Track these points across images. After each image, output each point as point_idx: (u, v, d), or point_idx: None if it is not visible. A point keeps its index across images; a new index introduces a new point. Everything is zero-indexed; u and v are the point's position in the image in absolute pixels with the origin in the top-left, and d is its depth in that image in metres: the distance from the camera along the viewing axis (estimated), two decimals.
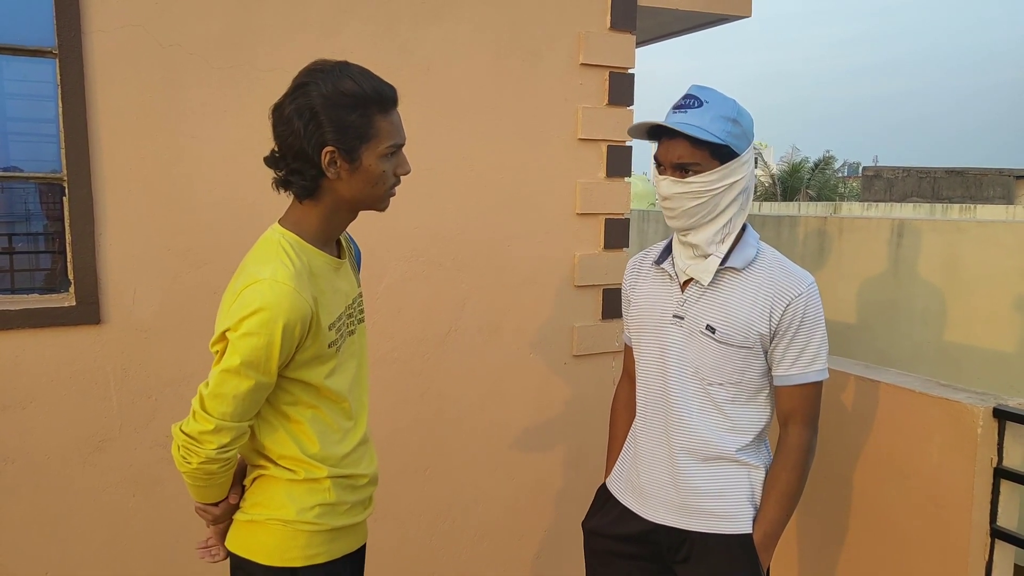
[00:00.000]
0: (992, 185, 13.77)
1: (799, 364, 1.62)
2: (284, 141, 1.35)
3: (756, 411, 1.67)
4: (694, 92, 1.59)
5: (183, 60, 2.24)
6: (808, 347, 1.61)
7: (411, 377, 2.67)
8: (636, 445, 1.79)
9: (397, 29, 2.50)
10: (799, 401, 1.64)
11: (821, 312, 1.63)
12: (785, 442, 1.65)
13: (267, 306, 1.28)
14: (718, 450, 1.64)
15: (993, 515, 1.94)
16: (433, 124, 2.59)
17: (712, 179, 1.56)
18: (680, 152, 1.56)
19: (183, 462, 1.38)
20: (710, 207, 1.58)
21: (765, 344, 1.62)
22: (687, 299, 1.66)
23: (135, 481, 2.31)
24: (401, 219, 2.55)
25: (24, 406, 2.16)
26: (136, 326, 2.27)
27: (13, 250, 3.24)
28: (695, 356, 1.64)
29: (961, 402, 1.96)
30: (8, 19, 2.23)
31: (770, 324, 1.60)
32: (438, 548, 2.79)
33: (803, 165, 31.16)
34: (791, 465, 1.63)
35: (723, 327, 1.61)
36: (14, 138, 3.00)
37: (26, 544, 2.21)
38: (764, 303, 1.60)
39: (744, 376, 1.63)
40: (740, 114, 1.58)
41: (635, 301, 1.80)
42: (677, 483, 1.67)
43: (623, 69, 2.85)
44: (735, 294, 1.62)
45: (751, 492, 1.66)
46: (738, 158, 1.57)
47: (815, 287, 1.63)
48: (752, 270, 1.63)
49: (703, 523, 1.66)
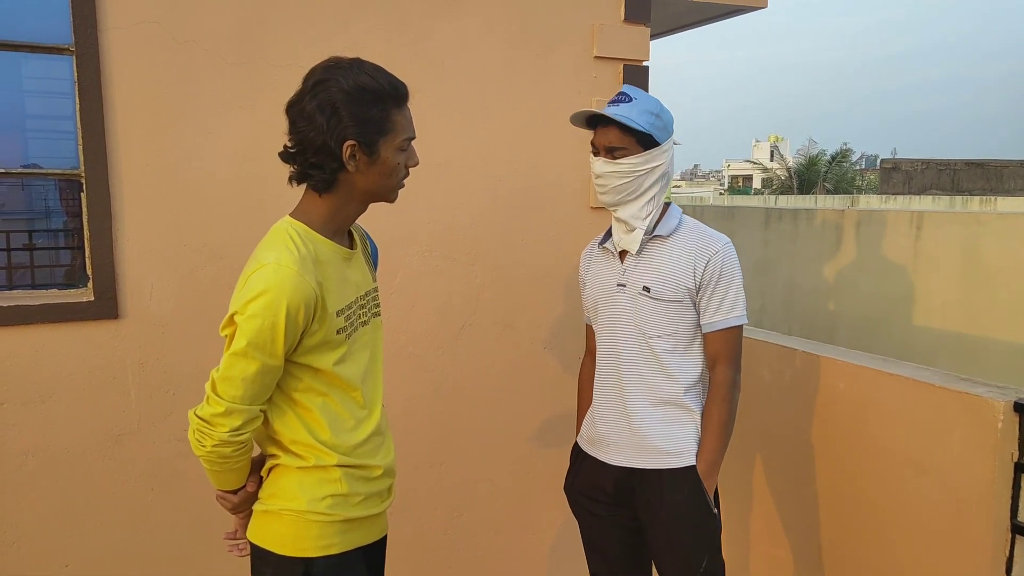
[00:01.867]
0: (1013, 177, 13.57)
1: (721, 311, 1.91)
2: (305, 136, 1.39)
3: (692, 360, 1.94)
4: (626, 90, 1.90)
5: (198, 56, 2.26)
6: (727, 296, 1.90)
7: (425, 372, 2.67)
8: (594, 403, 2.06)
9: (409, 23, 2.50)
10: (723, 344, 1.92)
11: (737, 266, 1.93)
12: (714, 380, 1.93)
13: (270, 288, 1.33)
14: (663, 396, 1.92)
15: (1014, 510, 1.91)
16: (446, 118, 2.58)
17: (637, 162, 1.86)
18: (612, 138, 1.86)
19: (198, 445, 1.42)
20: (634, 186, 1.88)
21: (693, 297, 1.91)
22: (626, 268, 1.96)
23: (153, 475, 2.33)
24: (415, 214, 2.55)
25: (44, 400, 2.19)
26: (153, 321, 2.29)
27: (34, 246, 3.28)
28: (636, 315, 1.93)
29: (981, 396, 1.93)
30: (25, 17, 2.25)
31: (695, 278, 1.89)
32: (453, 542, 2.80)
33: (820, 158, 30.92)
34: (721, 399, 1.91)
35: (656, 286, 1.90)
36: (33, 135, 3.04)
37: (46, 537, 2.24)
38: (688, 261, 1.89)
39: (678, 328, 1.91)
40: (662, 110, 1.89)
41: (588, 281, 2.10)
42: (632, 428, 1.94)
43: (638, 62, 2.83)
44: (664, 257, 1.92)
45: (695, 432, 1.92)
46: (659, 146, 1.88)
47: (731, 246, 1.93)
48: (676, 236, 1.93)
49: (655, 461, 1.92)
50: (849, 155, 31.43)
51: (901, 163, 14.92)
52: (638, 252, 1.93)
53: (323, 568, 1.47)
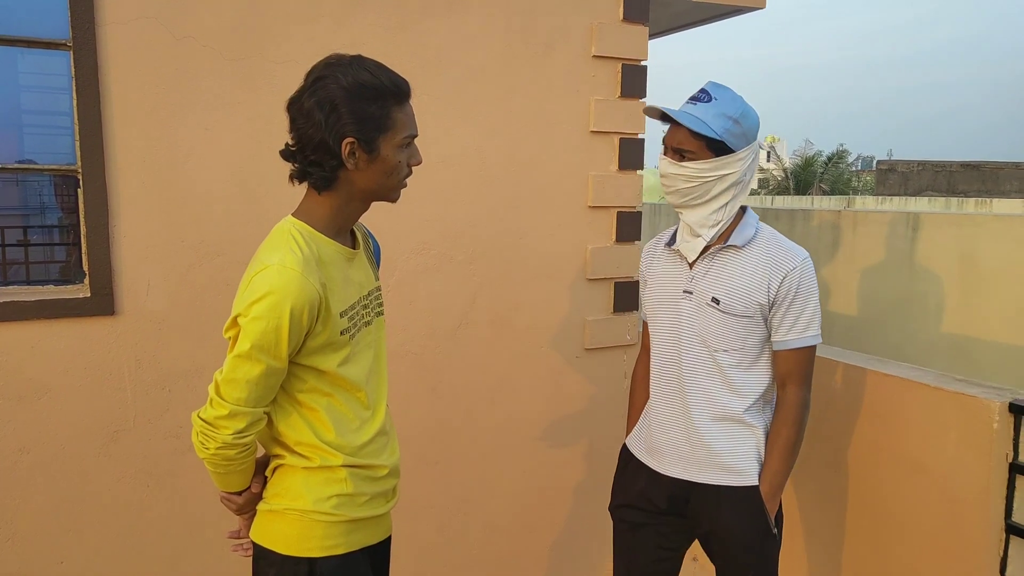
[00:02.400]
0: (1009, 179, 13.61)
1: (795, 330, 1.80)
2: (304, 133, 1.38)
3: (757, 376, 1.85)
4: (708, 88, 1.78)
5: (196, 52, 2.25)
6: (803, 314, 1.79)
7: (422, 370, 2.67)
8: (651, 409, 1.98)
9: (408, 21, 2.50)
10: (795, 364, 1.82)
11: (815, 283, 1.81)
12: (784, 401, 1.83)
13: (274, 290, 1.32)
14: (725, 411, 1.83)
15: (1008, 511, 1.92)
16: (444, 116, 2.58)
17: (704, 168, 1.75)
18: (680, 139, 1.76)
19: (201, 448, 1.41)
20: (701, 191, 1.78)
21: (764, 313, 1.80)
22: (695, 275, 1.86)
23: (149, 472, 2.33)
24: (412, 212, 2.55)
25: (39, 396, 2.18)
26: (150, 317, 2.28)
27: (28, 242, 3.27)
28: (702, 326, 1.83)
29: (976, 397, 1.94)
30: (23, 11, 2.24)
31: (768, 294, 1.78)
32: (450, 541, 2.80)
33: (816, 159, 30.94)
34: (791, 421, 1.82)
35: (726, 299, 1.80)
36: (28, 130, 3.02)
37: (41, 533, 2.24)
38: (763, 276, 1.78)
39: (746, 343, 1.81)
40: (744, 115, 1.76)
41: (650, 281, 2.00)
42: (691, 440, 1.86)
43: (636, 61, 2.83)
44: (737, 269, 1.81)
45: (756, 450, 1.84)
46: (733, 154, 1.76)
47: (809, 261, 1.81)
48: (752, 247, 1.81)
49: (714, 476, 1.84)
50: (845, 156, 31.46)
51: (897, 164, 14.96)
52: (711, 260, 1.83)
53: (327, 568, 1.46)
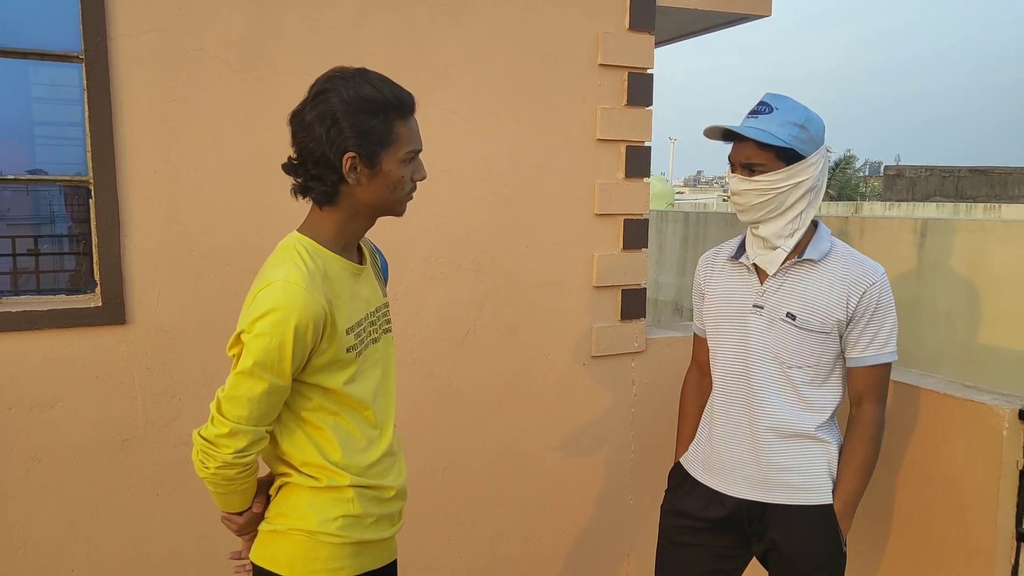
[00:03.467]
0: (1017, 184, 13.55)
1: (873, 347, 1.77)
2: (305, 147, 1.36)
3: (830, 392, 1.81)
4: (767, 99, 1.76)
5: (206, 64, 2.27)
6: (881, 331, 1.76)
7: (430, 378, 2.68)
8: (712, 427, 1.92)
9: (415, 31, 2.52)
10: (872, 380, 1.79)
11: (892, 299, 1.78)
12: (859, 419, 1.80)
13: (278, 307, 1.29)
14: (797, 428, 1.79)
15: (1019, 518, 1.91)
16: (451, 125, 2.60)
17: (777, 178, 1.72)
18: (748, 153, 1.74)
19: (201, 467, 1.38)
20: (776, 203, 1.74)
21: (841, 329, 1.77)
22: (766, 290, 1.81)
23: (159, 480, 2.34)
24: (420, 220, 2.56)
25: (51, 405, 2.20)
26: (160, 327, 2.30)
27: (39, 251, 3.29)
28: (775, 342, 1.79)
29: (986, 404, 1.94)
30: (35, 25, 2.27)
31: (847, 311, 1.75)
32: (456, 549, 2.80)
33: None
34: (867, 439, 1.78)
35: (803, 314, 1.76)
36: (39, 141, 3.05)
37: (52, 541, 2.25)
38: (841, 292, 1.75)
39: (821, 359, 1.78)
40: (809, 120, 1.73)
41: (711, 294, 1.94)
42: (759, 460, 1.81)
43: (642, 69, 2.85)
44: (813, 284, 1.77)
45: (828, 467, 1.80)
46: (804, 160, 1.72)
47: (886, 277, 1.79)
48: (828, 261, 1.78)
49: (785, 496, 1.80)
50: (853, 162, 31.44)
51: (905, 170, 14.91)
52: (784, 274, 1.79)
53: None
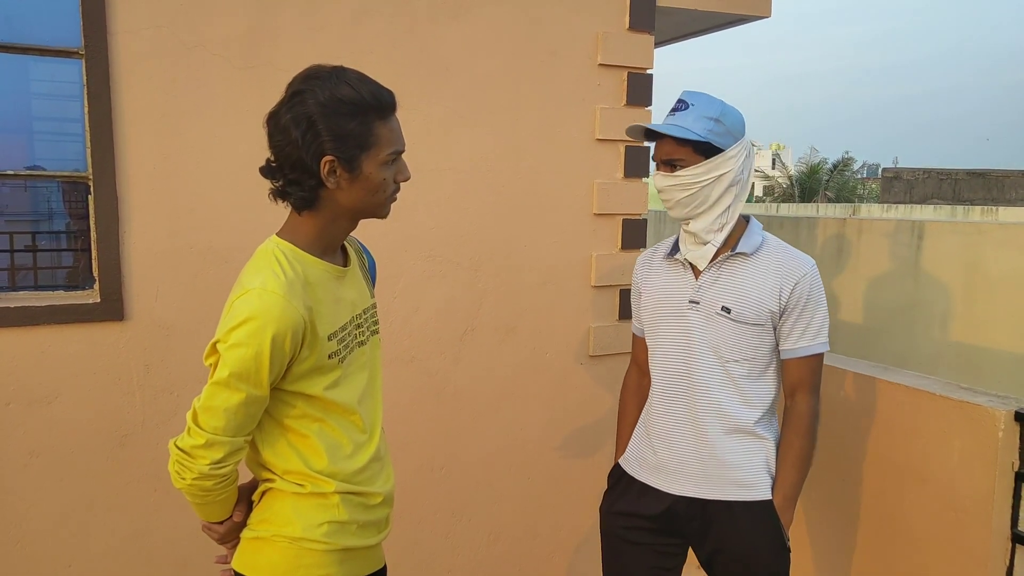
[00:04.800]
0: (1015, 187, 13.58)
1: (806, 337, 1.79)
2: (281, 151, 1.31)
3: (767, 385, 1.83)
4: (684, 97, 1.78)
5: (206, 60, 2.27)
6: (813, 321, 1.79)
7: (427, 376, 2.68)
8: (651, 425, 1.91)
9: (416, 29, 2.52)
10: (806, 371, 1.81)
11: (823, 290, 1.81)
12: (794, 410, 1.81)
13: (255, 316, 1.25)
14: (737, 423, 1.79)
15: (1014, 520, 1.92)
16: (451, 124, 2.60)
17: (697, 172, 1.74)
18: (667, 150, 1.76)
19: (177, 478, 1.33)
20: (701, 197, 1.76)
21: (775, 321, 1.79)
22: (701, 285, 1.82)
23: (157, 476, 2.34)
24: (419, 219, 2.56)
25: (49, 401, 2.20)
26: (159, 323, 2.30)
27: (36, 248, 3.29)
28: (713, 336, 1.80)
29: (982, 405, 1.94)
30: (35, 20, 2.27)
31: (780, 302, 1.77)
32: (453, 547, 2.81)
33: (821, 166, 30.92)
34: (803, 431, 1.80)
35: (738, 307, 1.78)
36: (37, 137, 3.04)
37: (50, 537, 2.25)
38: (774, 283, 1.77)
39: (757, 352, 1.79)
40: (724, 114, 1.75)
41: (648, 292, 1.94)
42: (701, 456, 1.81)
43: (641, 69, 2.85)
44: (747, 277, 1.79)
45: (767, 462, 1.81)
46: (723, 153, 1.74)
47: (816, 268, 1.81)
48: (760, 255, 1.80)
49: (726, 492, 1.80)
50: (851, 164, 31.45)
51: (902, 172, 14.93)
52: (718, 268, 1.81)
53: None
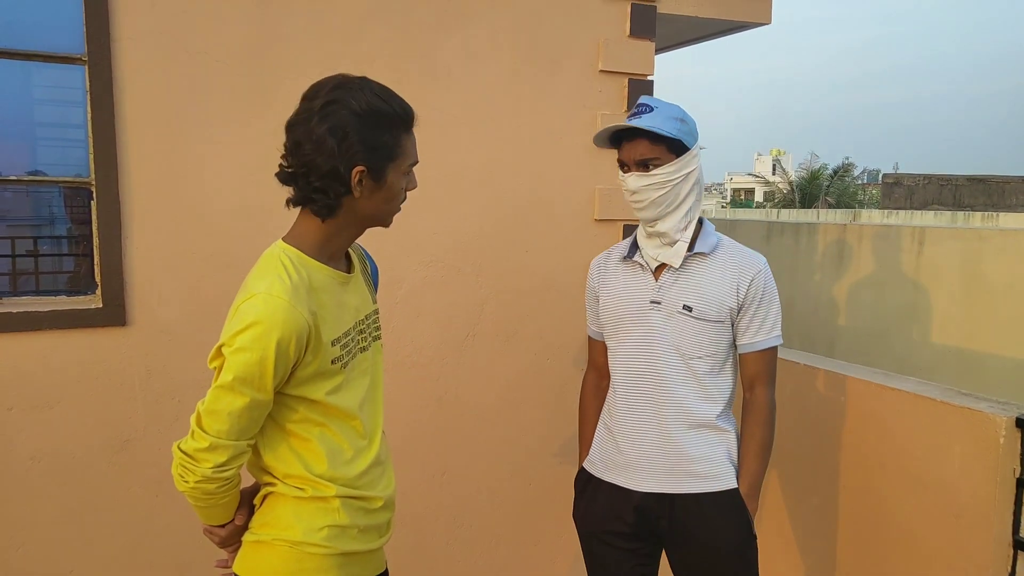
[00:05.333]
0: (1015, 193, 13.58)
1: (762, 332, 1.86)
2: (312, 160, 1.31)
3: (726, 380, 1.89)
4: (644, 101, 1.84)
5: (209, 67, 2.28)
6: (768, 316, 1.86)
7: (429, 382, 2.68)
8: (615, 425, 1.94)
9: (417, 36, 2.53)
10: (763, 365, 1.88)
11: (775, 287, 1.89)
12: (754, 402, 1.88)
13: (260, 320, 1.25)
14: (700, 418, 1.85)
15: (1016, 526, 1.92)
16: (452, 130, 2.61)
17: (672, 170, 1.78)
18: (642, 150, 1.78)
19: (180, 481, 1.34)
20: (672, 196, 1.80)
21: (733, 316, 1.85)
22: (662, 285, 1.87)
23: (159, 481, 2.34)
24: (420, 225, 2.57)
25: (51, 406, 2.20)
26: (161, 328, 2.30)
27: (38, 253, 3.29)
28: (675, 334, 1.84)
29: (983, 411, 1.94)
30: (39, 27, 2.28)
31: (738, 299, 1.83)
32: (454, 553, 2.80)
33: (822, 172, 30.94)
34: (763, 421, 1.86)
35: (699, 305, 1.83)
36: (40, 143, 3.05)
37: (52, 541, 2.25)
38: (732, 281, 1.83)
39: (717, 348, 1.85)
40: (685, 115, 1.83)
41: (606, 295, 1.98)
42: (667, 451, 1.85)
43: (642, 76, 2.86)
44: (706, 276, 1.85)
45: (729, 454, 1.86)
46: (689, 151, 1.81)
47: (768, 266, 1.89)
48: (717, 254, 1.86)
49: (692, 485, 1.84)
50: (851, 169, 31.45)
51: (903, 178, 14.94)
52: (677, 268, 1.84)
53: None
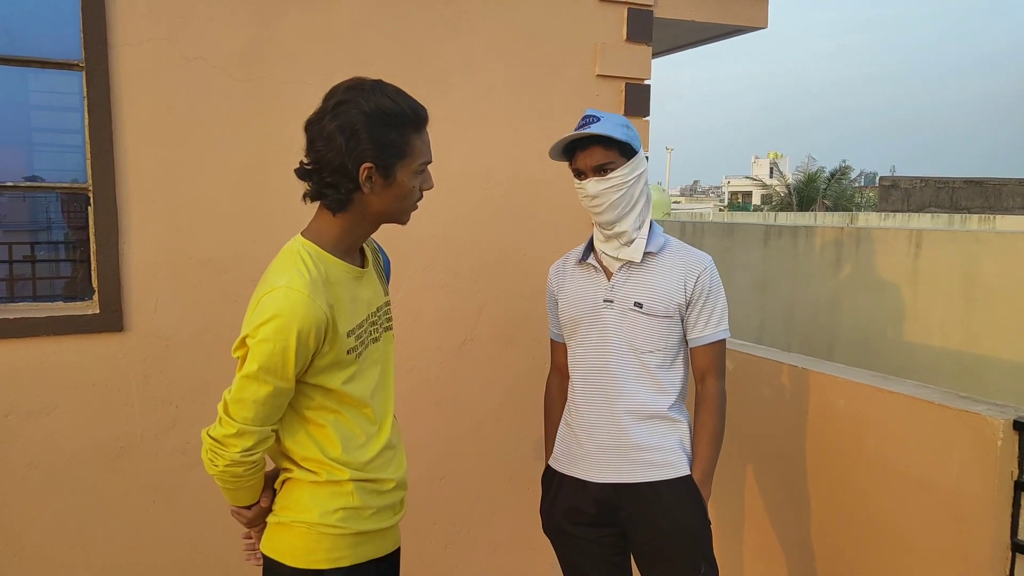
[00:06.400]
0: (1012, 195, 13.62)
1: (711, 325, 1.97)
2: (323, 156, 1.40)
3: (677, 373, 1.98)
4: (591, 112, 1.94)
5: (206, 72, 2.28)
6: (715, 311, 1.97)
7: (427, 386, 2.68)
8: (574, 420, 2.03)
9: (416, 42, 2.53)
10: (712, 357, 1.98)
11: (721, 283, 2.00)
12: (705, 393, 1.98)
13: (281, 313, 1.34)
14: (653, 410, 1.94)
15: (1014, 529, 1.92)
16: (451, 135, 2.61)
17: (626, 171, 1.90)
18: (597, 156, 1.89)
19: (210, 464, 1.44)
20: (628, 197, 1.91)
21: (682, 312, 1.96)
22: (614, 284, 1.96)
23: (156, 487, 2.34)
24: (418, 229, 2.56)
25: (48, 412, 2.20)
26: (158, 334, 2.30)
27: (35, 258, 3.29)
28: (628, 331, 1.94)
29: (981, 414, 1.94)
30: (36, 33, 2.28)
31: (685, 294, 1.94)
32: (454, 557, 2.80)
33: (819, 175, 31.02)
34: (714, 410, 1.97)
35: (649, 302, 1.93)
36: (37, 148, 3.05)
37: (50, 548, 2.24)
38: (679, 278, 1.94)
39: (668, 342, 1.95)
40: (628, 123, 1.94)
41: (564, 298, 2.07)
42: (620, 444, 1.94)
43: (639, 80, 2.87)
44: (655, 274, 1.95)
45: (681, 443, 1.96)
46: (637, 154, 1.93)
47: (713, 263, 2.00)
48: (664, 253, 1.97)
49: (647, 474, 1.92)
50: (848, 172, 31.53)
51: (900, 180, 14.98)
52: (628, 268, 1.95)
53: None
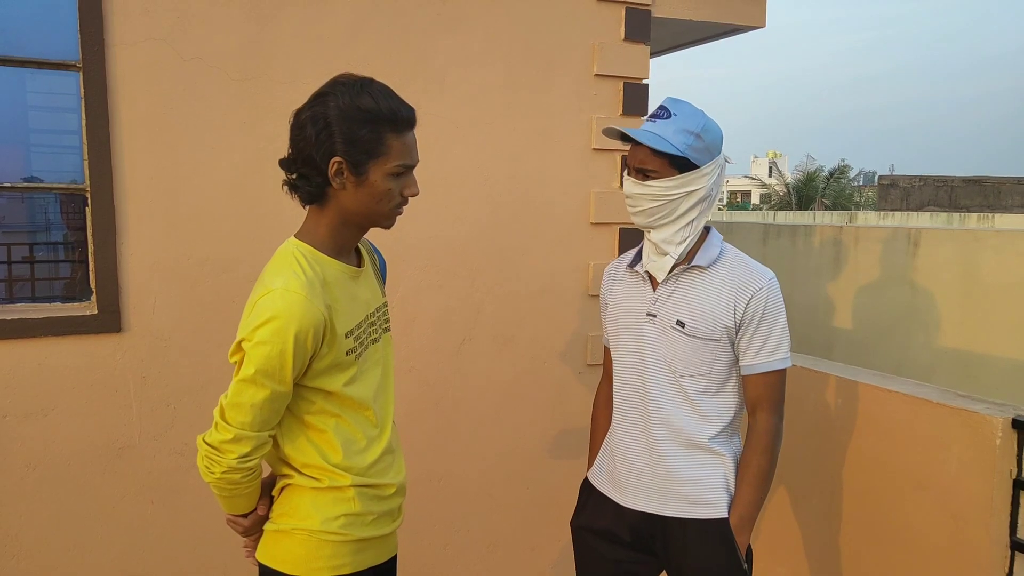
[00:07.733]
0: (1011, 194, 13.62)
1: (763, 353, 1.73)
2: (296, 145, 1.40)
3: (725, 402, 1.77)
4: (667, 104, 1.72)
5: (203, 72, 2.28)
6: (771, 337, 1.72)
7: (426, 386, 2.68)
8: (613, 438, 1.89)
9: (411, 40, 2.53)
10: (764, 389, 1.74)
11: (782, 305, 1.75)
12: (754, 428, 1.75)
13: (278, 315, 1.32)
14: (691, 439, 1.75)
15: (1013, 527, 1.92)
16: (447, 134, 2.61)
17: (669, 185, 1.68)
18: (641, 158, 1.70)
19: (207, 472, 1.41)
20: (668, 210, 1.70)
21: (731, 336, 1.73)
22: (658, 298, 1.78)
23: (154, 488, 2.33)
24: (415, 229, 2.57)
25: (46, 413, 2.20)
26: (156, 334, 2.30)
27: (34, 259, 3.29)
28: (667, 350, 1.75)
29: (979, 413, 1.94)
30: (33, 33, 2.28)
31: (735, 317, 1.71)
32: (452, 557, 2.80)
33: (818, 174, 31.03)
34: (761, 449, 1.73)
35: (692, 321, 1.72)
36: (35, 149, 3.05)
37: (47, 550, 2.24)
38: (729, 297, 1.71)
39: (713, 367, 1.74)
40: (706, 129, 1.69)
41: (612, 304, 1.91)
42: (655, 470, 1.77)
43: (637, 79, 2.86)
44: (702, 290, 1.74)
45: (724, 480, 1.75)
46: (697, 170, 1.69)
47: (775, 282, 1.75)
48: (716, 268, 1.74)
49: (680, 509, 1.75)
50: (847, 171, 31.54)
51: (899, 179, 14.98)
52: (675, 282, 1.76)
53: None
